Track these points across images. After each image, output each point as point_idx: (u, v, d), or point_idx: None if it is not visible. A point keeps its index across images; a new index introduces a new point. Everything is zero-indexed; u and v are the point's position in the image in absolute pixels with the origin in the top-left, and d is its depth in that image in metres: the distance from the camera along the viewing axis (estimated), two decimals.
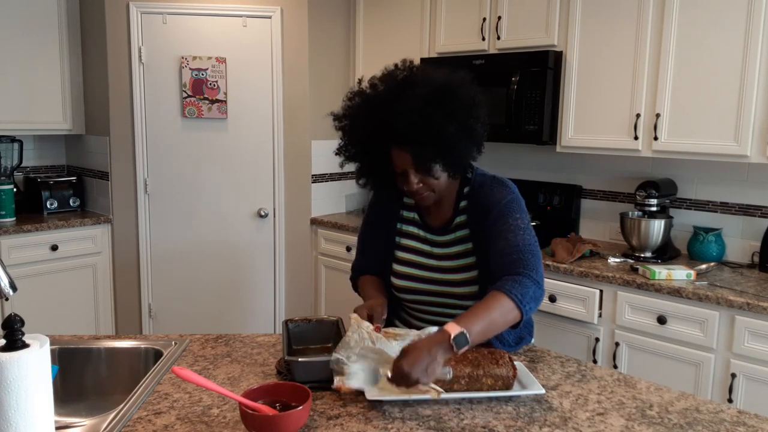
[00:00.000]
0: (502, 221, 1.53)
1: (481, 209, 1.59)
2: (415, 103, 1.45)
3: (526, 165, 3.49)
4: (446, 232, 1.65)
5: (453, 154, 1.50)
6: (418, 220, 1.70)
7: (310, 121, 3.74)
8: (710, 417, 1.27)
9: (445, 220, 1.66)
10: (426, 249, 1.67)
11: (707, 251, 2.76)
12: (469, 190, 1.64)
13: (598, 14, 2.81)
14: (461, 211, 1.64)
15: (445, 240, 1.65)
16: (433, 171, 1.51)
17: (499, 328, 1.37)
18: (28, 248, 3.38)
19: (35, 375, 0.98)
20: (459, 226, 1.64)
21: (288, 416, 1.12)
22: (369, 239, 1.79)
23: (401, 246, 1.70)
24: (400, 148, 1.49)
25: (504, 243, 1.50)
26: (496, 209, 1.56)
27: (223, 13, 3.54)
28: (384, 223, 1.74)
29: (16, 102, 3.52)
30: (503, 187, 1.61)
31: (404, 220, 1.72)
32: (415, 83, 1.49)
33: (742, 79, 2.44)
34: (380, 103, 1.51)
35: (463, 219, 1.64)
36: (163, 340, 1.65)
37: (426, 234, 1.68)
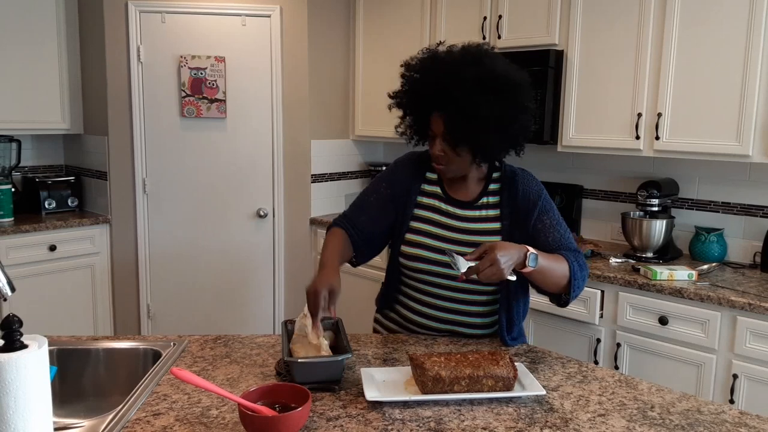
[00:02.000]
0: (548, 216, 1.65)
1: (521, 197, 1.65)
2: (472, 81, 1.52)
3: (527, 165, 3.48)
4: (471, 207, 1.68)
5: (482, 142, 1.56)
6: (440, 194, 1.72)
7: (309, 120, 3.73)
8: (712, 418, 1.26)
9: (472, 197, 1.70)
10: (444, 221, 1.68)
11: (709, 251, 2.75)
12: (501, 175, 1.70)
13: (599, 13, 2.80)
14: (491, 193, 1.69)
15: (469, 215, 1.68)
16: (458, 148, 1.58)
17: (552, 280, 1.54)
18: (26, 248, 3.37)
19: (33, 376, 0.97)
20: (487, 206, 1.68)
21: (287, 417, 1.11)
22: (372, 200, 1.77)
23: (416, 216, 1.71)
24: (440, 114, 1.56)
25: (558, 235, 1.63)
26: (540, 202, 1.65)
27: (222, 11, 3.53)
28: (398, 193, 1.74)
29: (14, 101, 3.51)
30: (536, 180, 1.71)
31: (424, 193, 1.73)
32: (482, 63, 1.55)
33: (744, 79, 2.43)
34: (444, 66, 1.57)
35: (495, 200, 1.68)
36: (161, 340, 1.64)
37: (448, 207, 1.70)
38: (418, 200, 1.72)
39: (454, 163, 1.62)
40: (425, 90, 1.58)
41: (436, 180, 1.74)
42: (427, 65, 1.62)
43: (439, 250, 1.64)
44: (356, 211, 1.78)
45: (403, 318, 1.77)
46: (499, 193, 1.69)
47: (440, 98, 1.55)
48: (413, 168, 1.76)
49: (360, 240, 1.74)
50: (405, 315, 1.76)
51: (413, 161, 1.77)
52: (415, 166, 1.76)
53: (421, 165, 1.76)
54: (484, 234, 1.65)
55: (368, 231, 1.75)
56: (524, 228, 1.64)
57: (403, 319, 1.77)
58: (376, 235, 1.76)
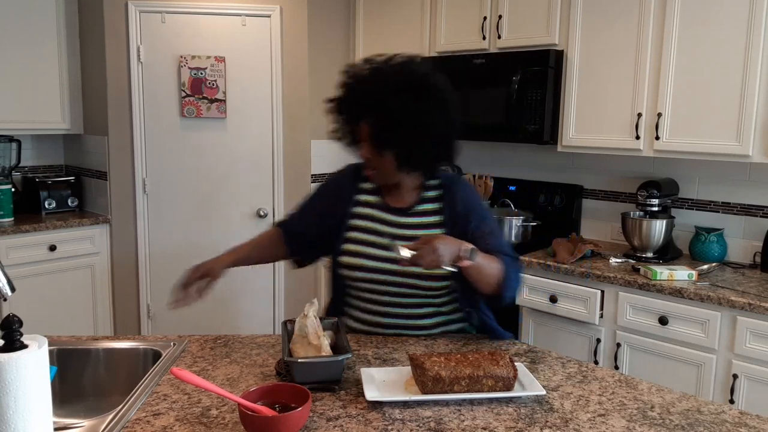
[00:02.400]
0: (486, 224, 1.70)
1: (460, 205, 1.69)
2: (395, 87, 1.58)
3: (526, 165, 3.49)
4: (408, 215, 1.71)
5: (403, 147, 1.60)
6: (377, 202, 1.74)
7: (309, 120, 3.73)
8: (712, 418, 1.26)
9: (408, 203, 1.72)
10: (382, 229, 1.70)
11: (709, 251, 2.75)
12: (439, 183, 1.74)
13: (599, 13, 2.80)
14: (428, 200, 1.72)
15: (406, 222, 1.70)
16: (382, 153, 1.62)
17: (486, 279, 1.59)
18: (26, 248, 3.37)
19: (33, 376, 0.97)
20: (425, 213, 1.71)
21: (287, 417, 1.11)
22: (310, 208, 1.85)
23: (353, 227, 1.73)
24: (366, 119, 1.62)
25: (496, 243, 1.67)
26: (478, 211, 1.71)
27: (222, 11, 3.53)
28: (333, 203, 1.77)
29: (14, 101, 3.51)
30: (473, 189, 1.79)
31: (360, 203, 1.75)
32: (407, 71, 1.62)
33: (744, 78, 2.43)
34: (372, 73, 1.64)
35: (434, 207, 1.71)
36: (161, 340, 1.64)
37: (385, 215, 1.71)
38: (354, 210, 1.74)
39: (381, 169, 1.65)
40: (353, 96, 1.65)
41: (374, 189, 1.76)
42: (359, 73, 1.66)
43: (382, 258, 1.66)
44: (296, 216, 1.86)
45: (352, 329, 1.79)
46: (438, 201, 1.72)
47: (365, 104, 1.61)
48: (349, 178, 1.80)
49: (300, 243, 1.82)
50: (353, 327, 1.78)
51: (350, 172, 1.82)
52: (351, 177, 1.80)
53: (357, 175, 1.78)
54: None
55: (307, 235, 1.81)
56: (464, 236, 1.63)
57: (352, 330, 1.79)
58: (315, 240, 1.80)
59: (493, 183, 3.48)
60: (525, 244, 3.02)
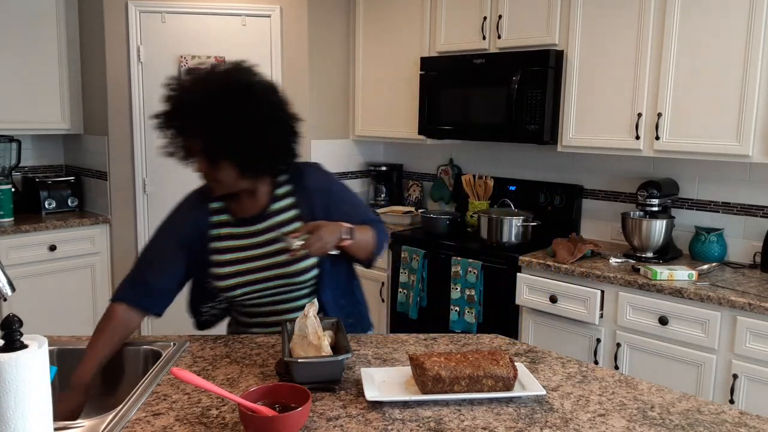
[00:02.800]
0: (346, 203, 1.74)
1: (314, 191, 1.70)
2: (215, 96, 1.53)
3: (526, 165, 3.49)
4: (263, 219, 1.68)
5: (242, 158, 1.56)
6: (229, 220, 1.70)
7: (309, 120, 3.73)
8: (712, 418, 1.26)
9: (261, 207, 1.69)
10: (245, 243, 1.68)
11: (709, 251, 2.75)
12: (288, 177, 1.71)
13: (599, 13, 2.80)
14: (281, 197, 1.70)
15: (264, 227, 1.68)
16: (220, 166, 1.56)
17: (364, 248, 1.70)
18: (26, 248, 3.37)
19: (34, 376, 0.97)
20: (281, 210, 1.69)
21: (287, 417, 1.11)
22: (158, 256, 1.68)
23: (217, 250, 1.68)
24: (193, 131, 1.55)
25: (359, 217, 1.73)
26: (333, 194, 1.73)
27: (222, 11, 3.53)
28: (185, 236, 1.68)
29: (14, 101, 3.51)
30: (323, 171, 1.78)
31: (214, 225, 1.70)
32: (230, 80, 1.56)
33: (744, 78, 2.43)
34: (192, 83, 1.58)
35: (290, 202, 1.70)
36: (161, 340, 1.64)
37: (240, 229, 1.69)
38: (212, 234, 1.69)
39: (221, 181, 1.59)
40: (179, 109, 1.56)
41: (222, 208, 1.71)
42: (182, 85, 1.59)
43: (258, 269, 1.66)
44: (143, 273, 1.66)
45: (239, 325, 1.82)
46: (291, 195, 1.70)
47: (192, 116, 1.54)
48: (195, 205, 1.72)
49: (154, 299, 1.65)
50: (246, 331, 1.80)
51: (193, 199, 1.74)
52: (197, 203, 1.72)
53: (203, 199, 1.71)
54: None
55: (161, 287, 1.65)
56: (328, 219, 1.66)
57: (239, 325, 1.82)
58: (172, 286, 1.68)
59: (493, 183, 3.48)
60: (525, 244, 3.02)
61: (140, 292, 1.63)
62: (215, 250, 1.68)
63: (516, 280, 2.84)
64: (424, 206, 4.01)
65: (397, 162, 4.15)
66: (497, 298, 2.94)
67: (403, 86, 3.62)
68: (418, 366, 1.32)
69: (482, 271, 2.94)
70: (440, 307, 3.15)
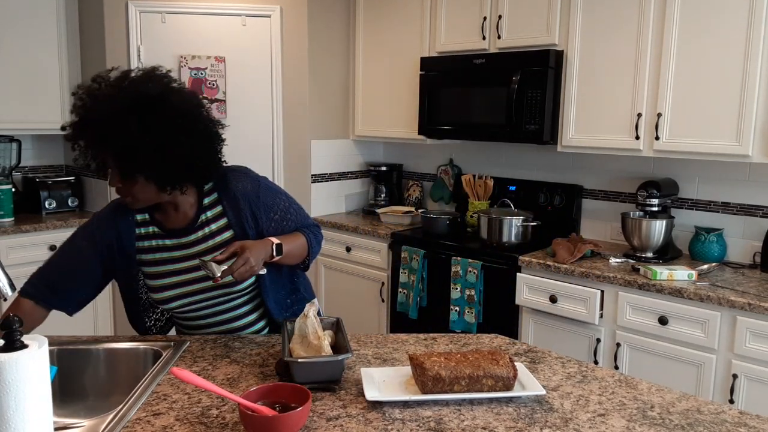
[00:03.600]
0: (275, 210, 1.69)
1: (241, 199, 1.65)
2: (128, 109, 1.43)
3: (526, 165, 3.49)
4: (193, 230, 1.64)
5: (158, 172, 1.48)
6: (158, 232, 1.64)
7: (309, 120, 3.73)
8: (712, 418, 1.26)
9: (189, 218, 1.64)
10: (176, 255, 1.64)
11: (709, 251, 2.75)
12: (213, 186, 1.66)
13: (599, 13, 2.80)
14: (209, 207, 1.65)
15: (195, 238, 1.63)
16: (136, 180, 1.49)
17: (295, 258, 1.67)
18: (26, 248, 3.37)
19: (34, 376, 0.97)
20: (209, 221, 1.64)
21: (287, 417, 1.11)
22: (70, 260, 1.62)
23: (145, 262, 1.64)
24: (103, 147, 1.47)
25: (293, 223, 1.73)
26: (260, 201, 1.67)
27: (222, 12, 3.53)
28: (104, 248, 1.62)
29: (14, 101, 3.51)
30: (247, 176, 1.70)
31: (140, 237, 1.64)
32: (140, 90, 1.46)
33: (744, 79, 2.43)
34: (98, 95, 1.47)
35: (218, 211, 1.65)
36: (162, 340, 1.64)
37: (170, 241, 1.64)
38: (138, 246, 1.63)
39: (138, 195, 1.52)
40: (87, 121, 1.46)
41: (148, 220, 1.65)
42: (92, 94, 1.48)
43: (192, 281, 1.64)
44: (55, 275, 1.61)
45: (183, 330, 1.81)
46: (217, 204, 1.65)
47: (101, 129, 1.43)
48: (117, 217, 1.63)
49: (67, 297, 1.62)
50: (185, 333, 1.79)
51: (115, 210, 1.65)
52: (120, 213, 1.64)
53: (124, 212, 1.63)
54: (218, 249, 1.62)
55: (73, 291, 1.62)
56: (257, 228, 1.65)
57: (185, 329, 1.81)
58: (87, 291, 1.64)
59: (493, 183, 3.48)
60: (525, 244, 3.02)
61: (48, 293, 1.60)
62: (145, 262, 1.64)
63: (516, 280, 2.84)
64: (424, 206, 4.01)
65: (397, 162, 4.15)
66: (497, 298, 2.94)
67: (403, 86, 3.62)
68: (418, 366, 1.32)
69: (482, 271, 2.94)
70: (440, 307, 3.15)
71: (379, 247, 3.46)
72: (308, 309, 1.46)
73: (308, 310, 1.46)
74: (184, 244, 1.64)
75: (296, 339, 1.44)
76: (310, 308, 1.46)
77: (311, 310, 1.46)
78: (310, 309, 1.46)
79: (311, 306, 1.47)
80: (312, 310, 1.46)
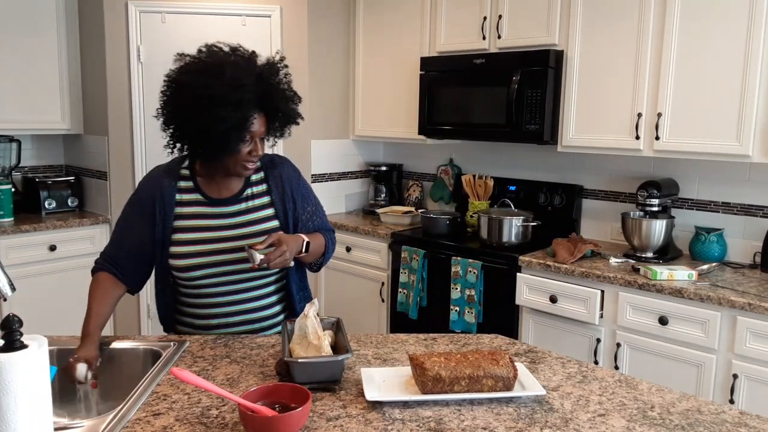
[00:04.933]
0: (309, 203, 1.84)
1: (285, 183, 1.78)
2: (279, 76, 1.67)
3: (526, 165, 3.49)
4: (237, 201, 1.73)
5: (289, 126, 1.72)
6: (201, 199, 1.71)
7: (309, 120, 3.73)
8: (712, 418, 1.26)
9: (236, 191, 1.74)
10: (212, 224, 1.70)
11: (709, 251, 2.75)
12: (262, 164, 1.79)
13: (599, 13, 2.80)
14: (255, 183, 1.77)
15: (237, 210, 1.72)
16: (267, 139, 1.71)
17: (315, 257, 1.80)
18: (26, 248, 3.37)
19: (34, 376, 0.97)
20: (256, 195, 1.75)
21: (287, 417, 1.11)
22: (128, 229, 1.73)
23: (179, 228, 1.69)
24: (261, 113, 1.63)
25: (319, 221, 1.86)
26: (300, 190, 1.81)
27: (222, 12, 3.53)
28: (150, 211, 1.69)
29: (14, 101, 3.51)
30: (293, 166, 1.86)
31: (181, 203, 1.71)
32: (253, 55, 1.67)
33: (744, 79, 2.43)
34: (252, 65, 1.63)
35: (262, 189, 1.76)
36: (161, 340, 1.64)
37: (213, 209, 1.71)
38: (177, 212, 1.70)
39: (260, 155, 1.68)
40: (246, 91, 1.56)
41: (192, 187, 1.72)
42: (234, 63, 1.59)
43: (217, 252, 1.68)
44: (115, 247, 1.73)
45: (195, 327, 1.78)
46: (263, 182, 1.77)
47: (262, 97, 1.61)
48: (161, 182, 1.72)
49: (129, 273, 1.71)
50: (196, 323, 1.77)
51: (159, 175, 1.74)
52: (164, 179, 1.72)
53: (170, 176, 1.73)
54: (261, 222, 1.73)
55: (135, 260, 1.71)
56: (294, 212, 1.79)
57: (195, 328, 1.78)
58: (145, 259, 1.72)
59: (493, 183, 3.48)
60: (525, 244, 3.02)
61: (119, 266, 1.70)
62: (177, 229, 1.69)
63: (516, 280, 2.84)
64: (424, 206, 4.01)
65: (397, 162, 4.15)
66: (497, 298, 2.94)
67: (403, 86, 3.62)
68: (418, 366, 1.32)
69: (482, 271, 2.94)
70: (440, 307, 3.15)
71: (379, 247, 3.46)
72: (308, 309, 1.46)
73: (308, 310, 1.46)
74: (224, 213, 1.71)
75: (296, 339, 1.44)
76: (310, 308, 1.46)
77: (311, 310, 1.46)
78: (310, 309, 1.46)
79: (311, 306, 1.47)
80: (312, 310, 1.46)
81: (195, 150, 1.65)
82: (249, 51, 1.67)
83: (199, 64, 1.61)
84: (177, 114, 1.60)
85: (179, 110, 1.59)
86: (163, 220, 1.69)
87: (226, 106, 1.53)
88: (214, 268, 1.69)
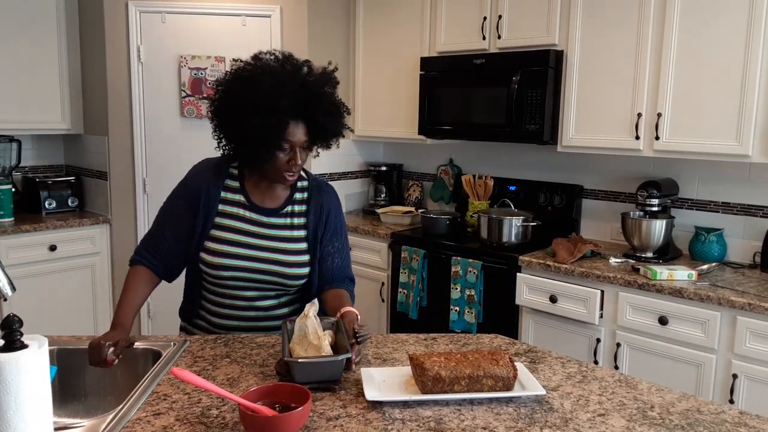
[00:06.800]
0: (339, 239, 1.80)
1: (324, 211, 1.77)
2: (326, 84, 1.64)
3: (526, 165, 3.49)
4: (277, 215, 1.73)
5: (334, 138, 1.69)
6: (244, 202, 1.73)
7: None
8: (712, 418, 1.27)
9: (279, 204, 1.74)
10: (248, 228, 1.71)
11: (709, 251, 2.75)
12: (308, 185, 1.79)
13: (599, 13, 2.80)
14: (299, 202, 1.76)
15: (275, 222, 1.73)
16: (312, 149, 1.69)
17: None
18: (26, 248, 3.37)
19: (34, 376, 0.97)
20: (293, 214, 1.75)
21: (288, 417, 1.11)
22: (171, 221, 1.73)
23: (217, 225, 1.71)
24: (301, 121, 1.61)
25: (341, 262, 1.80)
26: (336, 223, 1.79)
27: (222, 12, 3.53)
28: (194, 202, 1.71)
29: (14, 101, 3.51)
30: (337, 197, 1.84)
31: (225, 201, 1.73)
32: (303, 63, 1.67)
33: (744, 78, 2.43)
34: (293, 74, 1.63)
35: (302, 209, 1.76)
36: (162, 340, 1.64)
37: (252, 215, 1.72)
38: (220, 209, 1.72)
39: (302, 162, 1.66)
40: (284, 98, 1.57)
41: (238, 188, 1.74)
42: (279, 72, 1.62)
43: (249, 258, 1.69)
44: (155, 240, 1.74)
45: (210, 324, 1.80)
46: (305, 203, 1.76)
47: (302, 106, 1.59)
48: (209, 176, 1.73)
49: (167, 265, 1.74)
50: (212, 321, 1.79)
51: (209, 169, 1.75)
52: (212, 174, 1.74)
53: (218, 173, 1.74)
54: (290, 241, 1.72)
55: (173, 253, 1.73)
56: (322, 242, 1.76)
57: (210, 324, 1.80)
58: (183, 250, 1.73)
59: (493, 183, 3.48)
60: (525, 244, 3.02)
61: (153, 259, 1.73)
62: (215, 225, 1.71)
63: (516, 280, 2.84)
64: (424, 206, 4.01)
65: (397, 162, 4.15)
66: (497, 298, 2.94)
67: (403, 86, 3.62)
68: (418, 366, 1.32)
69: (482, 271, 2.94)
70: (440, 307, 3.15)
71: (379, 247, 3.46)
72: (308, 309, 1.46)
73: (308, 310, 1.46)
74: (263, 222, 1.72)
75: (296, 339, 1.44)
76: (310, 308, 1.46)
77: (311, 310, 1.46)
78: (310, 309, 1.46)
79: (311, 306, 1.47)
80: (312, 310, 1.46)
81: (238, 154, 1.70)
82: (300, 60, 1.68)
83: (245, 71, 1.66)
84: (222, 118, 1.65)
85: (223, 115, 1.65)
86: (205, 214, 1.71)
87: (262, 113, 1.56)
88: (242, 272, 1.70)
